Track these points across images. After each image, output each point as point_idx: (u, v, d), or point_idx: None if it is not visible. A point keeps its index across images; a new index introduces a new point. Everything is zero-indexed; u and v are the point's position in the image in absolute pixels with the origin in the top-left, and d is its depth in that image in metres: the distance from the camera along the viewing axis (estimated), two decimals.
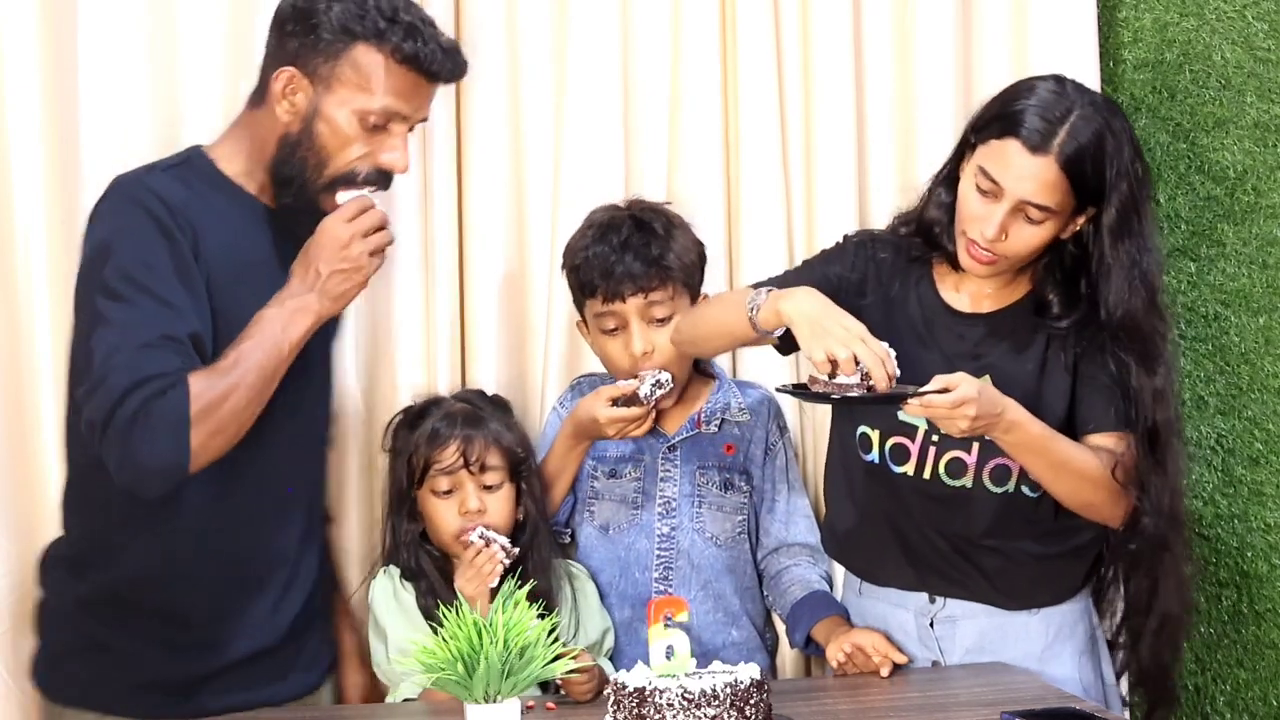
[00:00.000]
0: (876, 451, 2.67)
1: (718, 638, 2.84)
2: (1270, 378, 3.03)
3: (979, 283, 2.64)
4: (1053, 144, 2.44)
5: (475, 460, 2.68)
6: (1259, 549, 3.03)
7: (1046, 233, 2.51)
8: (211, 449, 2.28)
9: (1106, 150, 2.46)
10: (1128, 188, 2.48)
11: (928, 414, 2.41)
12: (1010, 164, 2.46)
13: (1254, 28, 3.05)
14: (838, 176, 3.07)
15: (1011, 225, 2.48)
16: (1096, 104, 2.50)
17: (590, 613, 2.79)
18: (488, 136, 3.02)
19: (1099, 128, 2.46)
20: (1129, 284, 2.50)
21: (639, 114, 3.05)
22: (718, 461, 2.87)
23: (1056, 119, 2.45)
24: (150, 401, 2.23)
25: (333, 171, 2.41)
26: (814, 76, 3.06)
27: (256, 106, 2.46)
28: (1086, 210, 2.50)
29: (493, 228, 3.02)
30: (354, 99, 2.39)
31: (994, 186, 2.47)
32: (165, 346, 2.27)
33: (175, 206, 2.34)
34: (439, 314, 2.98)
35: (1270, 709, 3.00)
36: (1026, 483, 2.61)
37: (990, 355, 2.57)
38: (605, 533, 2.86)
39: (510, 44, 3.03)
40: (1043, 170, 2.44)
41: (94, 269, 2.32)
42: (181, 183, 2.39)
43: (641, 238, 2.78)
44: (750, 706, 2.16)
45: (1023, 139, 2.45)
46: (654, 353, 2.78)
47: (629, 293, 2.77)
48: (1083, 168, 2.45)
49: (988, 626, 2.68)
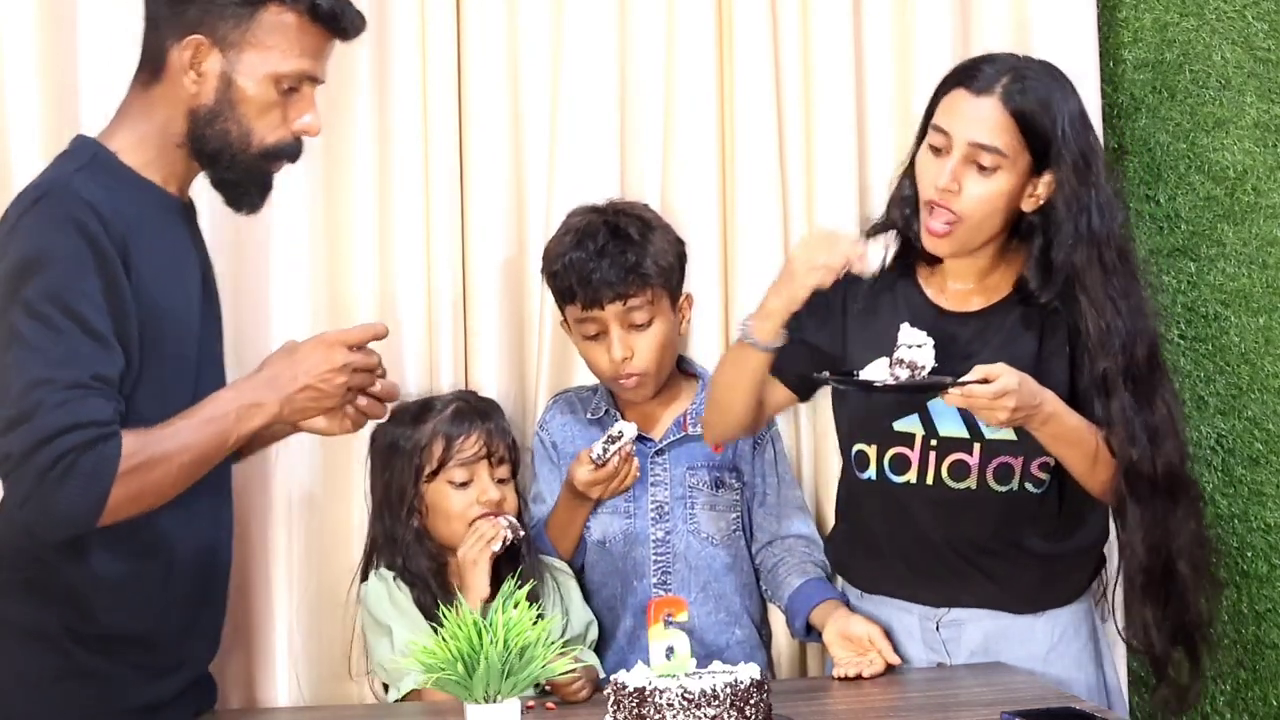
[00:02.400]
0: (874, 468, 2.66)
1: (721, 638, 2.83)
2: (1270, 378, 3.03)
3: (962, 280, 2.63)
4: (997, 86, 2.49)
5: (496, 451, 2.71)
6: (1259, 549, 3.03)
7: (999, 185, 2.50)
8: (124, 512, 2.17)
9: (1054, 101, 2.50)
10: (1079, 148, 2.50)
11: (967, 404, 2.41)
12: (956, 109, 2.51)
13: (1254, 28, 3.05)
14: (836, 176, 3.06)
15: (964, 175, 2.49)
16: (1047, 67, 2.57)
17: (574, 605, 2.79)
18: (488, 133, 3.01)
19: (1047, 82, 2.52)
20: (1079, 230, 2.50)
21: (634, 116, 3.04)
22: (707, 461, 2.86)
23: (1002, 69, 2.52)
24: (81, 451, 2.10)
25: (259, 140, 2.29)
26: (813, 75, 3.06)
27: (150, 85, 2.30)
28: (1042, 174, 2.51)
29: (493, 226, 3.01)
30: (268, 62, 2.27)
31: (944, 139, 2.51)
32: (98, 391, 2.14)
33: (107, 217, 2.19)
34: (441, 315, 2.98)
35: (1270, 709, 3.00)
36: (1030, 480, 2.61)
37: (983, 353, 2.56)
38: (603, 547, 2.85)
39: (510, 43, 3.02)
40: (987, 110, 2.48)
41: (16, 282, 2.15)
42: (102, 187, 2.24)
43: (618, 245, 2.76)
44: (750, 706, 2.16)
45: (967, 85, 2.51)
46: (634, 357, 2.78)
47: (607, 300, 2.76)
48: (1028, 112, 2.48)
49: (992, 629, 2.67)
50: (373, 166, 2.96)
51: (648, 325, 2.78)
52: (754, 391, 2.63)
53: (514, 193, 3.04)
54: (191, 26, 2.26)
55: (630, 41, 3.04)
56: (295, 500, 2.92)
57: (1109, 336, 2.50)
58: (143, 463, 2.16)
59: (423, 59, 2.96)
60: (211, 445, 2.23)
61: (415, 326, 2.97)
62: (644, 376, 2.81)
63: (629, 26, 3.03)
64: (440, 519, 2.72)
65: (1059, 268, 2.52)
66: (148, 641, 2.32)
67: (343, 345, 2.30)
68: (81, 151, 2.31)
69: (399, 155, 2.96)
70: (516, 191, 3.04)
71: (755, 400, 2.65)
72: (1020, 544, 2.64)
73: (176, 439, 2.20)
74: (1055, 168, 2.49)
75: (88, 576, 2.25)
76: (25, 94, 2.75)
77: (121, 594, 2.28)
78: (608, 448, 2.72)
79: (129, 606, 2.29)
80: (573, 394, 2.94)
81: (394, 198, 2.96)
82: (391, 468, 2.74)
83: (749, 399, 2.64)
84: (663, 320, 2.81)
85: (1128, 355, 2.51)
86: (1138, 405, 2.50)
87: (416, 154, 2.96)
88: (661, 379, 2.84)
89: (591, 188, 2.97)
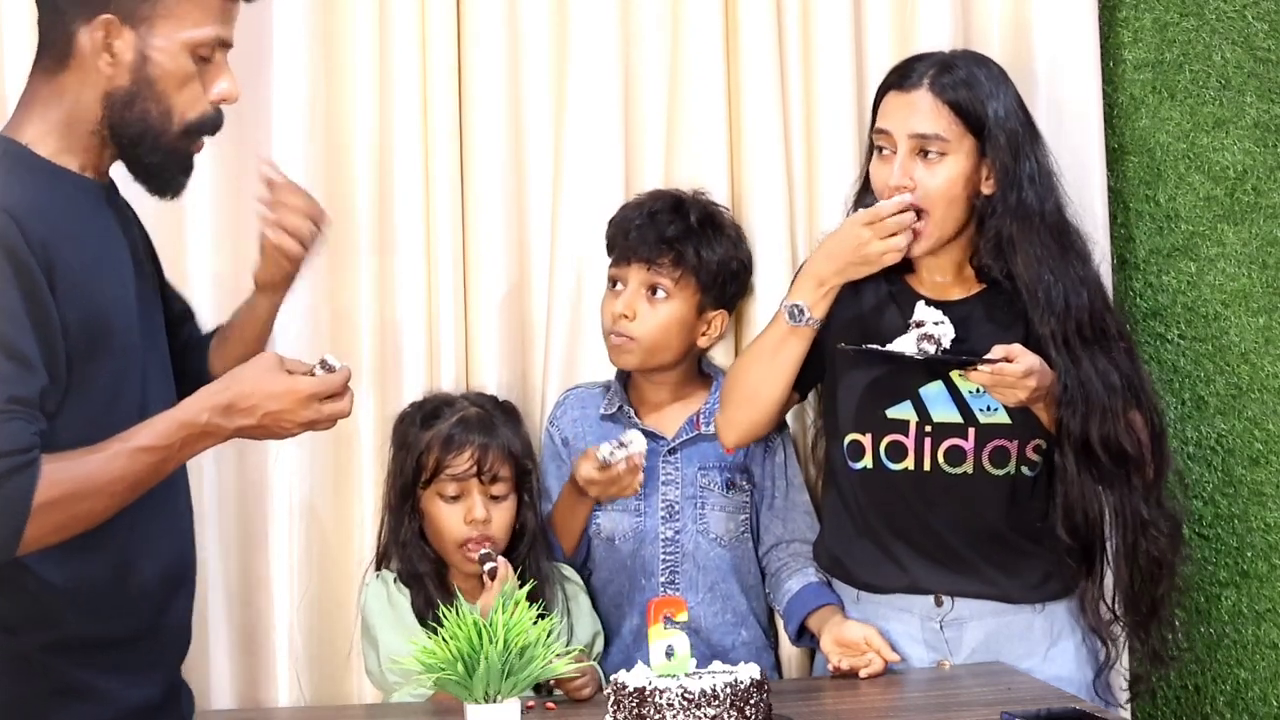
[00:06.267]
0: (870, 457, 2.68)
1: (727, 638, 2.83)
2: (1270, 378, 3.03)
3: (940, 273, 2.70)
4: (924, 79, 2.62)
5: (488, 470, 2.67)
6: (1259, 549, 3.03)
7: (952, 170, 2.60)
8: (47, 542, 2.05)
9: (981, 84, 2.62)
10: (1011, 126, 2.60)
11: (994, 381, 2.48)
12: (891, 109, 2.63)
13: (1254, 28, 3.05)
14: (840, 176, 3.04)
15: (913, 168, 2.59)
16: (975, 56, 2.71)
17: (581, 616, 2.78)
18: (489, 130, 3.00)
19: (973, 68, 2.65)
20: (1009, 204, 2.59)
21: (638, 113, 3.03)
22: (719, 462, 2.86)
23: (929, 63, 2.65)
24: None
25: (180, 117, 2.18)
26: (816, 76, 3.05)
27: (56, 72, 2.18)
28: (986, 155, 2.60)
29: (494, 227, 3.01)
30: (182, 32, 2.15)
31: (887, 139, 2.63)
32: (16, 416, 2.01)
33: (24, 221, 2.06)
34: (442, 314, 2.97)
35: (1270, 709, 3.00)
36: (1025, 463, 2.65)
37: (971, 339, 2.59)
38: (611, 543, 2.85)
39: (512, 41, 3.02)
40: (919, 100, 2.61)
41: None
42: (18, 183, 2.11)
43: (671, 216, 2.82)
44: (750, 706, 2.16)
45: (898, 86, 2.64)
46: (634, 319, 2.80)
47: (635, 257, 2.80)
48: (959, 96, 2.60)
49: (994, 626, 2.68)
50: (373, 164, 2.95)
51: (664, 300, 2.81)
52: (792, 378, 2.70)
53: (516, 191, 3.03)
54: (99, 6, 2.15)
55: (634, 38, 3.03)
56: (296, 500, 2.92)
57: (1042, 307, 2.58)
58: (67, 494, 2.04)
59: (423, 56, 2.95)
60: (149, 472, 2.11)
61: (415, 326, 2.97)
62: (632, 343, 2.82)
63: (632, 23, 3.03)
64: (432, 529, 2.70)
65: (1002, 242, 2.61)
66: (121, 642, 2.23)
67: (316, 400, 2.16)
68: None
69: (399, 152, 2.95)
70: (518, 190, 3.04)
71: (790, 388, 2.71)
72: (1019, 529, 2.67)
73: (110, 467, 2.07)
74: (990, 145, 2.59)
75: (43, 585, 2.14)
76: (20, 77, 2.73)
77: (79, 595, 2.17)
78: (615, 451, 2.71)
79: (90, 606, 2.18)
80: (584, 389, 2.94)
81: (394, 196, 2.96)
82: (399, 464, 2.73)
83: (786, 388, 2.71)
84: (679, 305, 2.82)
85: (1062, 325, 2.57)
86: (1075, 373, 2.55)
87: (417, 152, 2.95)
88: (652, 358, 2.84)
89: (594, 186, 2.98)
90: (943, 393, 2.65)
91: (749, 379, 2.72)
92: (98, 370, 2.14)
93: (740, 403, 2.74)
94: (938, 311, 2.55)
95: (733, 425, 2.76)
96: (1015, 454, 2.64)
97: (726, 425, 2.77)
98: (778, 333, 2.68)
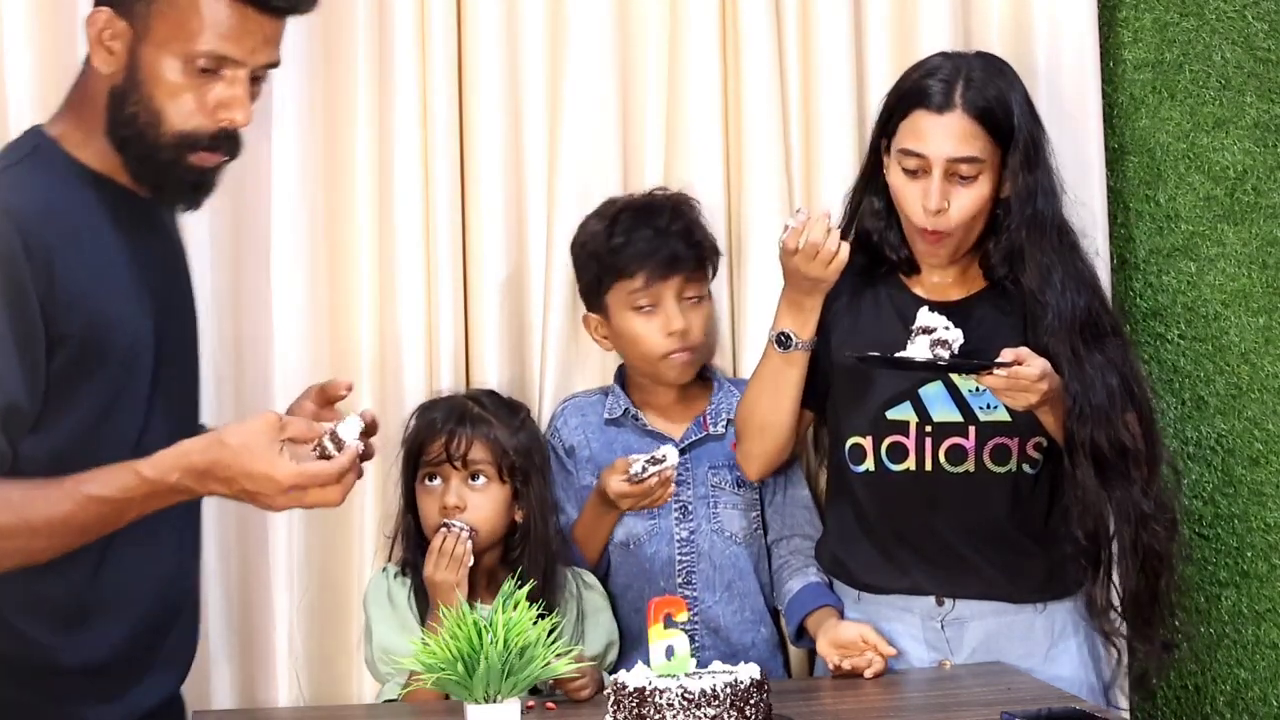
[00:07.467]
0: (871, 459, 2.68)
1: (747, 636, 2.83)
2: (1270, 378, 3.03)
3: (940, 274, 2.69)
4: (955, 98, 2.57)
5: (458, 455, 2.66)
6: (1259, 549, 3.03)
7: (983, 190, 2.59)
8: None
9: (1005, 93, 2.60)
10: (1029, 132, 2.60)
11: (1006, 385, 2.47)
12: (925, 131, 2.58)
13: (1254, 28, 3.05)
14: (839, 175, 3.05)
15: (950, 192, 2.57)
16: (984, 57, 2.68)
17: (595, 624, 2.77)
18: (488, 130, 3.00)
19: (994, 76, 2.61)
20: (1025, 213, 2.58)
21: (636, 113, 3.03)
22: (727, 460, 2.86)
23: (951, 77, 2.59)
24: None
25: (171, 129, 2.07)
26: (815, 76, 3.05)
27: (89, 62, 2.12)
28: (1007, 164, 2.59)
29: (493, 226, 3.01)
30: (175, 41, 2.04)
31: (919, 161, 2.58)
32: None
33: (33, 227, 1.98)
34: (441, 315, 2.97)
35: (1270, 709, 3.00)
36: (1026, 461, 2.66)
37: (970, 340, 2.59)
38: (627, 548, 2.84)
39: (510, 41, 3.01)
40: (955, 123, 2.56)
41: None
42: (38, 184, 2.05)
43: (681, 222, 2.83)
44: (750, 706, 2.16)
45: (927, 105, 2.58)
46: (690, 332, 2.81)
47: (676, 271, 2.80)
48: (990, 110, 2.58)
49: (995, 626, 2.68)
50: (372, 165, 2.95)
51: (701, 302, 2.84)
52: (797, 401, 2.70)
53: (515, 191, 3.03)
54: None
55: (632, 38, 3.03)
56: None
57: (1051, 316, 2.58)
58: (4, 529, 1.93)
59: (422, 57, 2.95)
60: (98, 522, 1.98)
61: (415, 327, 2.96)
62: (695, 352, 2.83)
63: (631, 22, 3.03)
64: (420, 518, 2.71)
65: (1015, 249, 2.60)
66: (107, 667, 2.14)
67: (299, 489, 2.02)
68: (23, 143, 2.14)
69: (399, 154, 2.94)
70: (517, 190, 3.03)
71: (797, 412, 2.71)
72: (1021, 528, 2.67)
73: (55, 509, 1.95)
74: (1012, 154, 2.59)
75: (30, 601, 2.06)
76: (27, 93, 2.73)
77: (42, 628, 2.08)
78: (647, 467, 2.69)
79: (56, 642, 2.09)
80: (580, 398, 2.93)
81: (394, 197, 2.95)
82: (401, 456, 2.75)
83: (794, 412, 2.71)
84: (709, 303, 2.87)
85: (1069, 333, 2.57)
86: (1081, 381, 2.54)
87: (416, 153, 2.95)
88: (702, 362, 2.87)
89: (592, 186, 2.97)
90: (942, 392, 2.65)
91: (757, 411, 2.73)
92: (91, 385, 2.06)
93: (754, 435, 2.75)
94: (942, 317, 2.53)
95: (752, 458, 2.78)
96: (1016, 451, 2.65)
97: (746, 459, 2.78)
98: (773, 363, 2.69)
